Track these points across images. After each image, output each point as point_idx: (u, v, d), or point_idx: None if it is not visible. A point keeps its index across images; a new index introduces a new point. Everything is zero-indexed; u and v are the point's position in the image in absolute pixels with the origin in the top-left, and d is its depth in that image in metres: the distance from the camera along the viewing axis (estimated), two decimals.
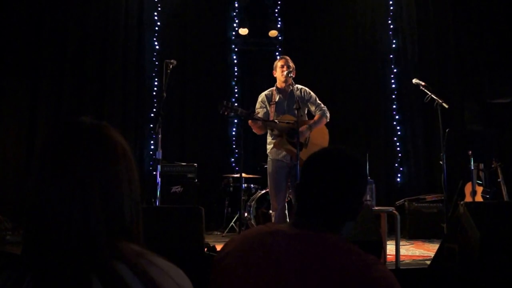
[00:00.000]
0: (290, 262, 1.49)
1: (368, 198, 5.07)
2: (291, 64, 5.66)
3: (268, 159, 5.70)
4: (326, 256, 1.48)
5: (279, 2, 9.70)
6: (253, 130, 5.67)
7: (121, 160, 1.19)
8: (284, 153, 5.53)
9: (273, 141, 5.60)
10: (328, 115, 5.72)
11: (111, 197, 1.15)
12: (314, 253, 1.50)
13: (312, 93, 5.78)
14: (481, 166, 7.25)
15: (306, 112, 5.78)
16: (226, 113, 5.35)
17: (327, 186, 1.67)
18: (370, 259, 1.48)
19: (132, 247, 1.14)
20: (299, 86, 5.73)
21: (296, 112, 5.25)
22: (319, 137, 5.63)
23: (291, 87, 5.63)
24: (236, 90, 9.50)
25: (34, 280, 1.06)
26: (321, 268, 1.44)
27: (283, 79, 5.64)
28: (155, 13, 9.14)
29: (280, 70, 5.66)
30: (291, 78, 5.55)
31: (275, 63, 5.80)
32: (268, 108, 5.68)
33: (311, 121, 5.66)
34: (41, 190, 1.11)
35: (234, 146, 9.28)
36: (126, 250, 1.12)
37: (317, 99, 5.79)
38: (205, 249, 4.65)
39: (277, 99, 5.68)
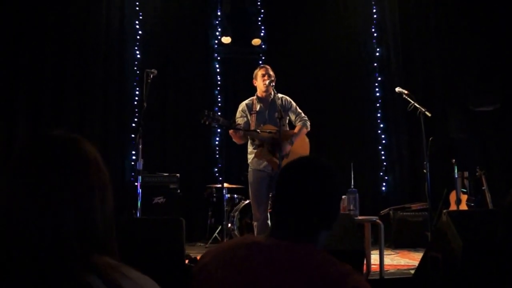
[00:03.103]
0: (266, 273, 1.47)
1: (351, 207, 5.03)
2: (272, 73, 5.63)
3: (249, 169, 5.64)
4: (301, 266, 1.47)
5: (262, 11, 9.67)
6: (234, 140, 5.62)
7: (94, 173, 1.19)
8: (265, 163, 5.49)
9: (254, 150, 5.56)
10: (308, 124, 5.70)
11: (83, 210, 1.14)
12: (289, 263, 1.49)
13: (292, 102, 5.76)
14: (466, 174, 7.25)
15: (287, 121, 5.75)
16: (207, 123, 5.31)
17: (300, 195, 1.66)
18: (346, 268, 1.46)
19: (106, 260, 1.13)
20: (280, 95, 5.70)
21: (278, 121, 5.22)
22: (300, 147, 5.59)
23: (272, 96, 5.60)
24: (219, 99, 9.42)
25: None
26: (297, 278, 1.43)
27: (264, 88, 5.60)
28: (137, 22, 9.02)
29: (261, 79, 5.61)
30: (272, 87, 5.53)
31: (255, 72, 5.76)
32: (249, 117, 5.64)
33: (292, 132, 5.63)
34: (12, 203, 1.09)
35: (217, 156, 9.18)
36: (99, 263, 1.11)
37: (298, 108, 5.76)
38: (186, 261, 4.61)
39: (258, 108, 5.64)
